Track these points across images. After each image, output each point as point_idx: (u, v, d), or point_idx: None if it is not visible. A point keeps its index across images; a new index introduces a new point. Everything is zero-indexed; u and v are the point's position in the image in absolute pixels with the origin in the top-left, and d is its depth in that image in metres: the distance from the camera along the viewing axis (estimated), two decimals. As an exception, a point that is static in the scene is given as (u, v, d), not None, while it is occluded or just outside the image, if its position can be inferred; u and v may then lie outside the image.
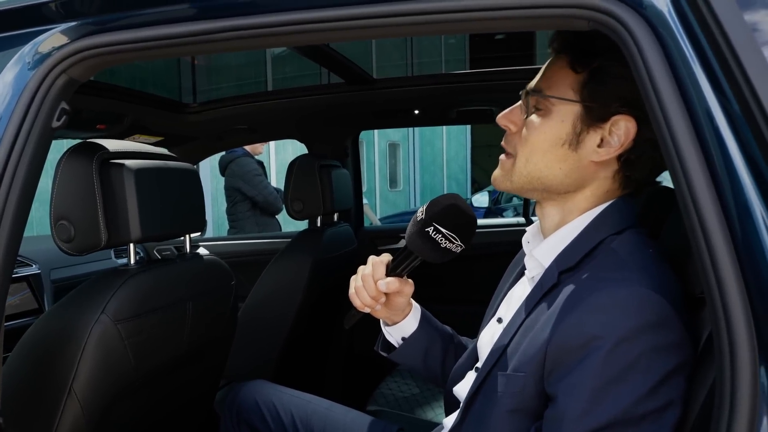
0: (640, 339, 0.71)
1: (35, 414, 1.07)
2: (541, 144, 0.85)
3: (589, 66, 0.82)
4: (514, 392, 0.81)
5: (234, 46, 0.94)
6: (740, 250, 0.60)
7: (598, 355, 0.71)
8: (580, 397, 0.72)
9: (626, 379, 0.71)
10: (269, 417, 1.33)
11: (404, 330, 1.11)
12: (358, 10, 0.82)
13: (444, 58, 2.63)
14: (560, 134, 0.84)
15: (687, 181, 0.63)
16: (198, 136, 2.42)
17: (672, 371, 0.71)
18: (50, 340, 1.07)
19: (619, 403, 0.71)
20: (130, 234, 1.12)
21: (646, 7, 0.66)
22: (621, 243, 0.81)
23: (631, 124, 0.81)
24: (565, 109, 0.83)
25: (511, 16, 0.77)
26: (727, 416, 0.57)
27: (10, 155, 0.88)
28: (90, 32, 0.91)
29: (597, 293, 0.75)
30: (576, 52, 0.84)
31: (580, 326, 0.74)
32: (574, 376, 0.73)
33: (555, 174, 0.85)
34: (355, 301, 1.03)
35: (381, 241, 2.64)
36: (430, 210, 0.94)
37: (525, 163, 0.86)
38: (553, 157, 0.84)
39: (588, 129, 0.83)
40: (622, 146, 0.82)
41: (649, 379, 0.70)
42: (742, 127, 0.60)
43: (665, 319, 0.72)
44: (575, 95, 0.83)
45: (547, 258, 0.87)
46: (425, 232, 0.93)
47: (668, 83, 0.64)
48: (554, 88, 0.84)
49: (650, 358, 0.71)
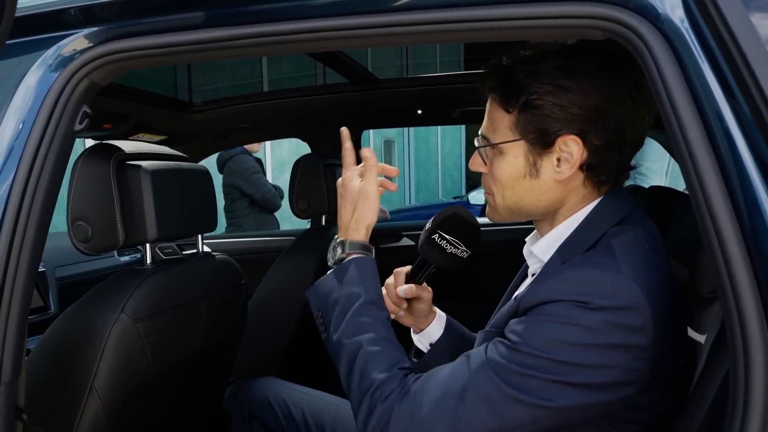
0: (602, 313, 0.75)
1: (57, 411, 1.08)
2: (506, 181, 0.90)
3: (518, 103, 0.86)
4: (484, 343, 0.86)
5: (252, 53, 0.97)
6: (752, 249, 0.63)
7: (558, 306, 0.77)
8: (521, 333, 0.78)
9: (572, 328, 0.75)
10: (280, 413, 1.35)
11: (431, 336, 1.18)
12: (368, 19, 0.85)
13: (439, 60, 2.65)
14: (518, 169, 0.89)
15: (700, 184, 0.66)
16: (200, 135, 2.43)
17: (617, 345, 0.75)
18: (71, 340, 1.09)
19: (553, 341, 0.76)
20: (147, 234, 1.14)
21: (663, 20, 0.69)
22: (620, 239, 0.84)
23: (575, 140, 0.85)
24: (513, 148, 0.88)
25: (527, 26, 0.79)
26: (741, 414, 0.60)
27: (35, 158, 0.90)
28: (112, 37, 0.93)
29: (573, 269, 0.80)
30: (502, 94, 0.88)
31: (551, 291, 0.79)
32: (526, 318, 0.80)
33: (528, 203, 0.91)
34: None
35: (383, 240, 2.67)
36: (435, 220, 1.07)
37: (502, 199, 0.93)
38: (520, 189, 0.90)
39: (540, 157, 0.88)
40: (578, 160, 0.86)
41: (592, 338, 0.74)
42: (754, 134, 0.63)
43: (632, 305, 0.75)
44: (514, 134, 0.88)
45: (546, 253, 0.91)
46: (432, 240, 1.06)
47: (683, 93, 0.67)
48: (497, 132, 0.90)
49: (604, 327, 0.75)
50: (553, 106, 0.84)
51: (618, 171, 0.90)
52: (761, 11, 0.65)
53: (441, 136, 14.96)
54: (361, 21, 0.85)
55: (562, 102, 0.84)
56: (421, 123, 2.79)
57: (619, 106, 0.84)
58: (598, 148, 0.85)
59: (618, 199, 0.90)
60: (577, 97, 0.83)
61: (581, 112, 0.84)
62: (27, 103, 0.92)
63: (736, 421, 0.60)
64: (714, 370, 0.73)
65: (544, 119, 0.85)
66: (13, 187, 0.88)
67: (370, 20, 0.85)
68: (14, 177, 0.89)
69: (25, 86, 0.93)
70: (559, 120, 0.85)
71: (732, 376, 0.62)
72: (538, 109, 0.85)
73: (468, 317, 1.41)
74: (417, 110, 2.40)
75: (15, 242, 0.87)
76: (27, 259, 0.88)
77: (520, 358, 0.77)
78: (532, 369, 0.76)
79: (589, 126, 0.84)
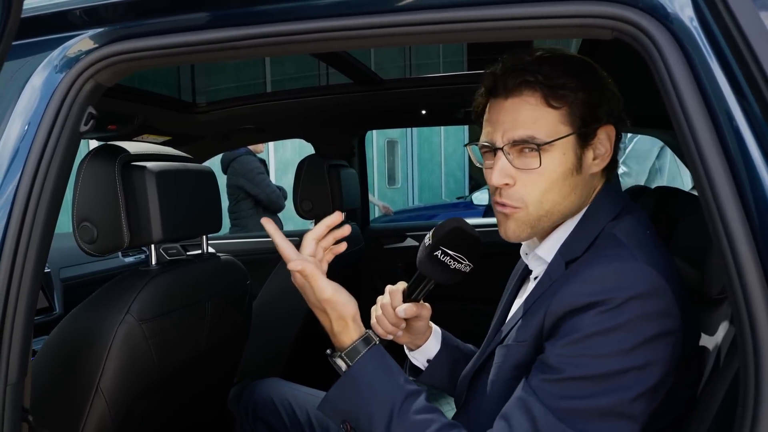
0: (630, 306, 0.75)
1: (63, 412, 1.09)
2: (554, 183, 0.87)
3: (565, 98, 0.86)
4: (516, 360, 0.87)
5: (256, 53, 0.96)
6: (762, 249, 0.62)
7: (588, 316, 0.77)
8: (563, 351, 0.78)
9: (610, 336, 0.75)
10: (285, 414, 1.35)
11: (428, 352, 1.14)
12: (374, 19, 0.84)
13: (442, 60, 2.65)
14: (567, 166, 0.87)
15: (710, 185, 0.65)
16: (205, 136, 2.44)
17: (654, 336, 0.75)
18: (77, 341, 1.09)
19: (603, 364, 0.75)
20: (152, 235, 1.13)
21: (672, 20, 0.68)
22: (621, 229, 0.86)
23: (611, 130, 0.89)
24: (563, 144, 0.86)
25: (534, 26, 0.79)
26: (752, 410, 0.59)
27: (41, 159, 0.90)
28: (117, 38, 0.93)
29: (592, 267, 0.81)
30: (547, 88, 0.86)
31: (575, 295, 0.79)
32: (563, 332, 0.79)
33: (571, 200, 0.89)
34: (378, 330, 1.06)
35: (386, 240, 2.67)
36: (436, 234, 0.99)
37: (540, 206, 0.88)
38: (565, 187, 0.88)
39: (584, 150, 0.89)
40: (609, 151, 0.90)
41: (632, 339, 0.75)
42: (765, 134, 0.63)
43: (656, 289, 0.77)
44: (565, 128, 0.86)
45: (549, 254, 0.91)
46: (434, 257, 0.97)
47: (692, 93, 0.66)
48: (543, 129, 0.86)
49: (637, 323, 0.75)
50: (601, 98, 0.87)
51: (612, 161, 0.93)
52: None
53: (444, 137, 14.94)
54: (364, 21, 0.85)
55: (605, 93, 0.88)
56: (425, 123, 2.79)
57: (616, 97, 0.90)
58: (618, 140, 0.90)
59: (611, 194, 0.92)
60: (608, 87, 0.88)
61: (612, 101, 0.89)
62: (32, 104, 0.92)
63: (746, 423, 0.60)
64: (723, 370, 0.72)
65: (593, 109, 0.87)
66: (19, 188, 0.88)
67: (373, 20, 0.84)
68: (20, 178, 0.89)
69: (30, 87, 0.93)
70: (604, 110, 0.87)
71: (742, 377, 0.62)
72: (586, 99, 0.86)
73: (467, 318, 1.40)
74: (421, 110, 2.40)
75: (21, 243, 0.87)
76: (33, 261, 0.88)
77: (577, 388, 0.76)
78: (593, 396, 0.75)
79: (618, 115, 0.89)
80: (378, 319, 1.07)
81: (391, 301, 1.05)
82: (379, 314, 1.07)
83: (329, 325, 0.92)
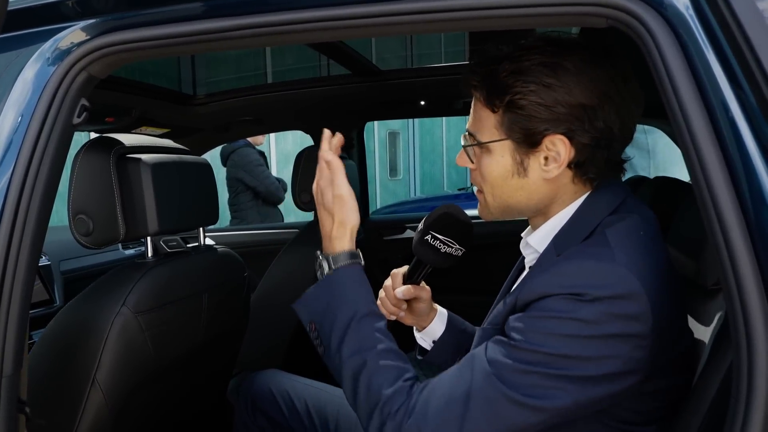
0: (597, 304, 0.74)
1: (60, 404, 1.09)
2: (495, 180, 0.90)
3: (502, 103, 0.85)
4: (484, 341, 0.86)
5: (251, 44, 0.95)
6: (756, 242, 0.62)
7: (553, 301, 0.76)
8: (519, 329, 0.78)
9: (569, 323, 0.75)
10: (284, 405, 1.35)
11: (434, 333, 1.19)
12: (372, 8, 0.83)
13: (444, 50, 2.63)
14: (506, 168, 0.88)
15: (705, 176, 0.64)
16: (204, 128, 2.43)
17: (615, 335, 0.74)
18: (73, 333, 1.09)
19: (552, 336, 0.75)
20: (148, 227, 1.13)
21: (667, 7, 0.67)
22: (615, 228, 0.83)
23: (562, 139, 0.84)
24: (500, 146, 0.87)
25: (530, 14, 0.78)
26: (744, 402, 0.59)
27: (34, 152, 0.89)
28: (110, 29, 0.92)
29: (568, 262, 0.80)
30: (486, 93, 0.86)
31: (546, 285, 0.78)
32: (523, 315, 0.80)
33: (519, 200, 0.90)
34: (382, 311, 1.08)
35: (386, 231, 2.66)
36: (427, 220, 1.05)
37: (492, 198, 0.92)
38: (509, 187, 0.89)
39: (527, 155, 0.86)
40: (566, 159, 0.85)
41: (589, 331, 0.74)
42: (760, 124, 0.62)
43: (629, 294, 0.75)
44: (500, 133, 0.87)
45: (542, 244, 0.91)
46: (425, 240, 1.05)
47: (687, 83, 0.65)
48: (482, 131, 0.89)
49: (600, 319, 0.74)
50: (538, 106, 0.82)
51: (608, 167, 0.88)
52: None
53: (446, 128, 14.89)
54: (361, 10, 0.84)
55: (547, 101, 0.82)
56: (425, 114, 2.77)
57: (607, 102, 0.82)
58: (586, 146, 0.83)
59: (611, 188, 0.89)
60: (562, 95, 0.82)
61: (567, 110, 0.82)
62: (25, 96, 0.92)
63: (739, 414, 0.59)
64: (718, 362, 0.72)
65: (530, 119, 0.83)
66: (12, 181, 0.88)
67: (371, 9, 0.84)
68: (13, 171, 0.88)
69: (22, 80, 0.93)
70: (544, 120, 0.83)
71: (735, 368, 0.62)
72: (523, 109, 0.83)
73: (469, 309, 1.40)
74: (420, 101, 2.39)
75: (15, 236, 0.87)
76: (27, 253, 0.88)
77: (521, 355, 0.77)
78: (533, 365, 0.76)
79: (575, 125, 0.82)
80: (381, 301, 1.13)
81: (392, 284, 1.12)
82: (382, 296, 1.13)
83: (329, 229, 0.95)
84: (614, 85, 0.82)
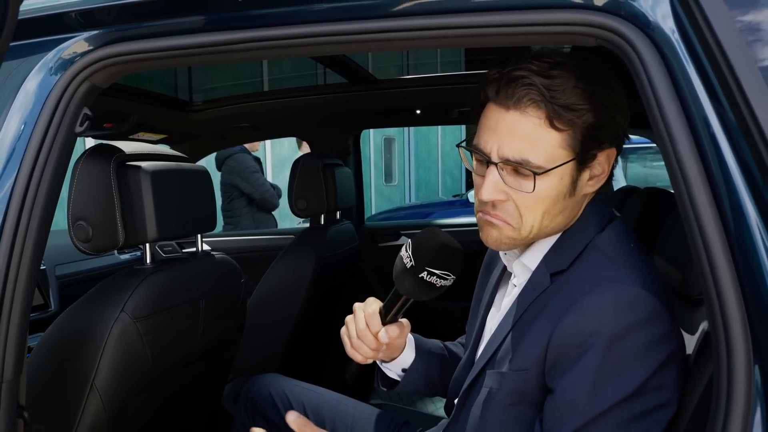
0: (633, 335, 0.76)
1: (58, 409, 1.10)
2: (546, 206, 0.84)
3: (570, 122, 0.80)
4: (516, 388, 0.86)
5: (251, 56, 0.97)
6: (736, 253, 0.64)
7: (595, 352, 0.77)
8: (581, 389, 0.78)
9: (623, 372, 0.76)
10: (282, 408, 1.37)
11: (405, 362, 1.10)
12: (370, 24, 0.86)
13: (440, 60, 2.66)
14: (562, 190, 0.84)
15: (687, 190, 0.67)
16: (201, 134, 2.45)
17: (664, 361, 0.77)
18: (72, 338, 1.11)
19: (617, 394, 0.76)
20: (147, 234, 1.15)
21: (653, 29, 0.70)
22: (605, 239, 0.86)
23: (612, 152, 0.85)
24: (560, 169, 0.82)
25: (521, 32, 0.81)
26: (724, 411, 0.61)
27: (37, 160, 0.91)
28: (112, 40, 0.94)
29: (590, 294, 0.79)
30: (552, 111, 0.80)
31: (577, 325, 0.79)
32: (573, 372, 0.79)
33: (559, 221, 0.87)
34: (356, 357, 0.99)
35: (381, 238, 2.68)
36: (419, 254, 0.90)
37: (531, 229, 0.86)
38: (555, 209, 0.85)
39: (581, 173, 0.85)
40: (606, 173, 0.86)
41: (644, 371, 0.76)
42: (739, 141, 0.65)
43: (654, 313, 0.77)
44: (567, 153, 0.81)
45: (533, 262, 0.91)
46: (420, 279, 0.89)
47: (671, 100, 0.68)
48: (542, 153, 0.81)
49: (644, 352, 0.76)
50: (609, 121, 0.81)
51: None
52: (748, 21, 0.66)
53: (441, 134, 14.94)
54: (360, 27, 0.86)
55: (614, 115, 0.82)
56: (420, 123, 2.80)
57: (625, 112, 0.85)
58: (616, 160, 0.86)
59: (599, 205, 0.90)
60: (618, 110, 0.83)
61: (621, 124, 0.84)
62: (28, 105, 0.94)
63: (719, 421, 0.62)
64: (700, 370, 0.75)
65: (596, 135, 0.81)
66: (15, 189, 0.89)
67: (368, 26, 0.86)
68: (16, 179, 0.90)
69: (25, 89, 0.95)
70: (609, 133, 0.82)
71: (715, 376, 0.64)
72: (599, 123, 0.81)
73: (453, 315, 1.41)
74: (416, 110, 2.41)
75: (17, 243, 0.88)
76: (28, 260, 0.90)
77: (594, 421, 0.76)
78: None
79: (620, 139, 0.85)
80: (356, 347, 0.99)
81: (369, 327, 0.97)
82: (356, 341, 0.98)
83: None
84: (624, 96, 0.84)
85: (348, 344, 1.00)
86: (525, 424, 0.85)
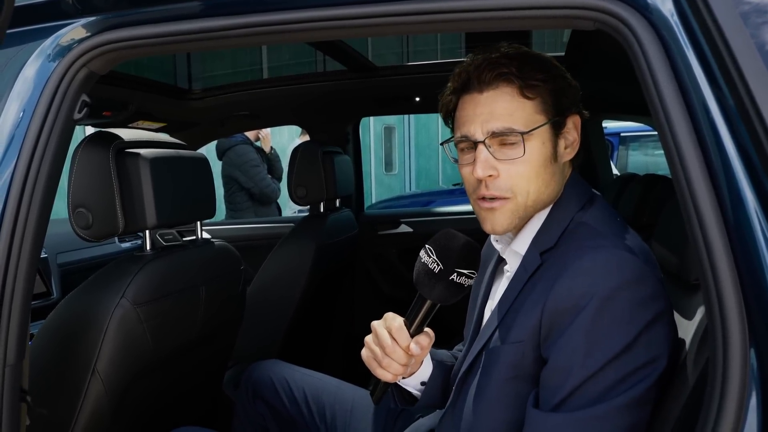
0: (622, 295, 0.79)
1: (61, 393, 1.11)
2: (538, 171, 0.90)
3: (537, 89, 0.89)
4: (514, 360, 0.87)
5: (251, 42, 0.97)
6: (733, 239, 0.64)
7: (586, 313, 0.79)
8: (574, 352, 0.80)
9: (613, 332, 0.78)
10: (283, 393, 1.39)
11: (423, 375, 1.05)
12: (370, 8, 0.85)
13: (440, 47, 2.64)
14: (546, 155, 0.91)
15: (685, 175, 0.67)
16: (200, 122, 2.44)
17: (651, 320, 0.79)
18: (73, 324, 1.11)
19: (608, 353, 0.78)
20: (147, 221, 1.15)
21: (652, 11, 0.70)
22: (591, 216, 0.90)
23: (576, 119, 0.94)
24: (541, 133, 0.90)
25: (518, 16, 0.81)
26: (719, 395, 0.62)
27: (36, 147, 0.91)
28: (110, 26, 0.94)
29: (579, 259, 0.83)
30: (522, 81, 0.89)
31: (569, 289, 0.81)
32: (565, 337, 0.81)
33: (552, 189, 0.92)
34: (386, 376, 0.94)
35: (381, 226, 2.69)
36: (446, 256, 0.88)
37: (528, 195, 0.90)
38: (547, 175, 0.91)
39: (557, 138, 0.93)
40: (577, 139, 0.94)
41: (634, 329, 0.78)
42: (739, 126, 0.64)
43: (641, 275, 0.80)
44: (542, 117, 0.90)
45: (523, 247, 0.93)
46: (450, 281, 0.87)
47: (670, 84, 0.68)
48: (521, 120, 0.89)
49: (633, 311, 0.79)
50: (569, 86, 0.92)
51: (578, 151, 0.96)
52: (748, 4, 0.66)
53: (441, 123, 14.82)
54: (358, 11, 0.86)
55: (569, 82, 0.92)
56: (420, 110, 2.79)
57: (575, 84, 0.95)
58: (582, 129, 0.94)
59: (579, 184, 0.96)
60: (568, 81, 0.93)
61: (575, 94, 0.93)
62: (26, 92, 0.93)
63: (714, 402, 0.62)
64: (697, 353, 0.75)
65: (562, 100, 0.91)
66: (15, 176, 0.90)
67: (367, 10, 0.85)
68: (15, 166, 0.90)
69: (24, 76, 0.94)
70: (570, 100, 0.92)
71: (711, 359, 0.64)
72: (559, 89, 0.91)
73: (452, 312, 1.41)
74: (415, 98, 2.41)
75: (17, 230, 0.89)
76: (29, 247, 0.90)
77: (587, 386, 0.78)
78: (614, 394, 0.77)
79: (579, 108, 0.94)
80: (386, 366, 0.93)
81: (397, 342, 0.92)
82: (385, 360, 0.93)
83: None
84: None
85: (375, 365, 0.94)
86: (521, 400, 0.86)
